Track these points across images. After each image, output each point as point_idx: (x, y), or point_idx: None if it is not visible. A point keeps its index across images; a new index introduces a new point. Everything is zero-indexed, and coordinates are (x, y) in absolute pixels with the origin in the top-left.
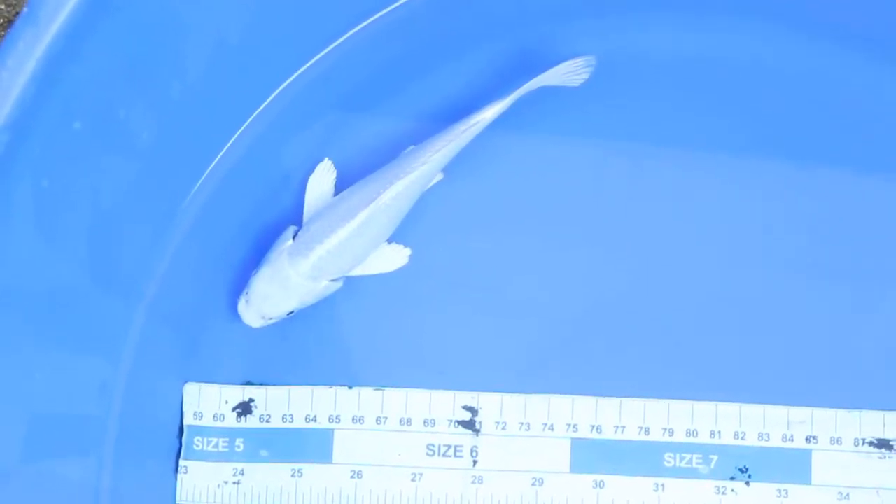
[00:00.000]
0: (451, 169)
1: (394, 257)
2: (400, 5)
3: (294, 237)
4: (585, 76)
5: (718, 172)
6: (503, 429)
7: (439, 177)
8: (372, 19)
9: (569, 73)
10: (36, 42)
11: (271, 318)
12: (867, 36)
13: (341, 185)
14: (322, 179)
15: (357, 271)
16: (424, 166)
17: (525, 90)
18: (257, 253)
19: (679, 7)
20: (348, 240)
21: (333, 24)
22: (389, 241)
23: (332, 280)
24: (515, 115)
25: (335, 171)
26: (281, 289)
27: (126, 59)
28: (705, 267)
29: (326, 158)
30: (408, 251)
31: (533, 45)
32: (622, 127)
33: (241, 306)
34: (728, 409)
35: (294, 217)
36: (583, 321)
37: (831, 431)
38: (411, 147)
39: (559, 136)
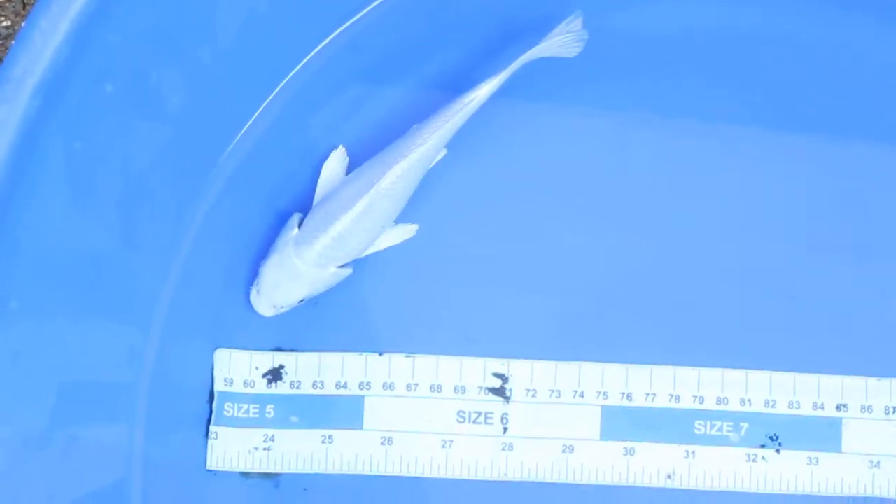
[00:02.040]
0: (473, 143)
1: (399, 232)
2: None
3: (300, 225)
4: (580, 46)
5: (741, 136)
6: (533, 396)
7: (443, 153)
8: None
9: (563, 42)
10: (69, 4)
11: (283, 307)
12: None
13: (365, 158)
14: (334, 167)
15: (365, 252)
16: (423, 147)
17: (520, 63)
18: (285, 219)
19: None
20: (352, 226)
21: None
22: (399, 220)
23: (341, 266)
24: (530, 87)
25: (348, 159)
26: (289, 278)
27: (158, 23)
28: (737, 236)
29: (340, 146)
30: (414, 226)
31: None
32: (634, 98)
33: (253, 296)
34: (758, 377)
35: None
36: (613, 289)
37: (862, 399)
38: (414, 128)
39: (576, 107)
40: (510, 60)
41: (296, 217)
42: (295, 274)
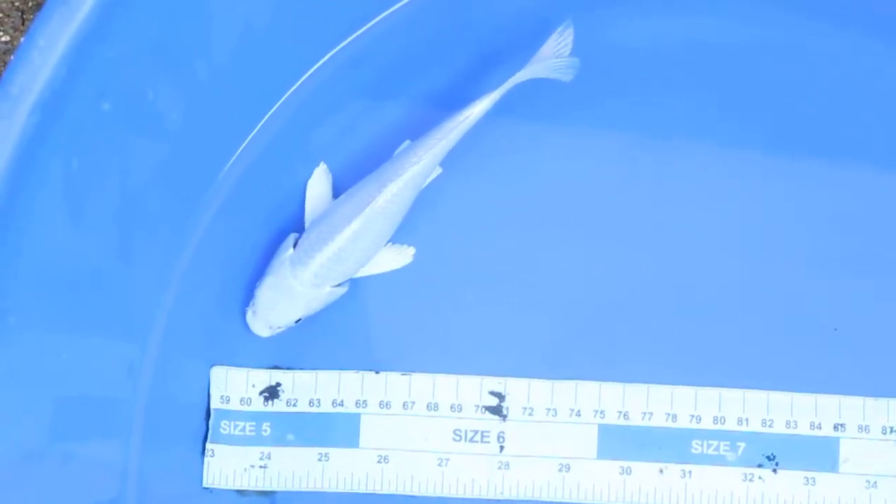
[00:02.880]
0: (469, 162)
1: (397, 257)
2: None
3: (295, 245)
4: (574, 70)
5: (739, 154)
6: (530, 414)
7: (438, 171)
8: (401, 4)
9: (556, 65)
10: (67, 22)
11: (279, 328)
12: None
13: (365, 174)
14: (319, 185)
15: (361, 272)
16: (417, 166)
17: (514, 81)
18: (283, 236)
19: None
20: (347, 246)
21: (360, 9)
22: (395, 241)
23: (336, 286)
24: (525, 105)
25: (331, 175)
26: (285, 298)
27: (155, 41)
28: (734, 254)
29: (322, 163)
30: (412, 250)
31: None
32: (632, 116)
33: (249, 317)
34: (756, 397)
35: None
36: (610, 308)
37: (859, 419)
38: (406, 142)
39: (572, 125)
40: (511, 75)
41: (291, 237)
42: (291, 294)
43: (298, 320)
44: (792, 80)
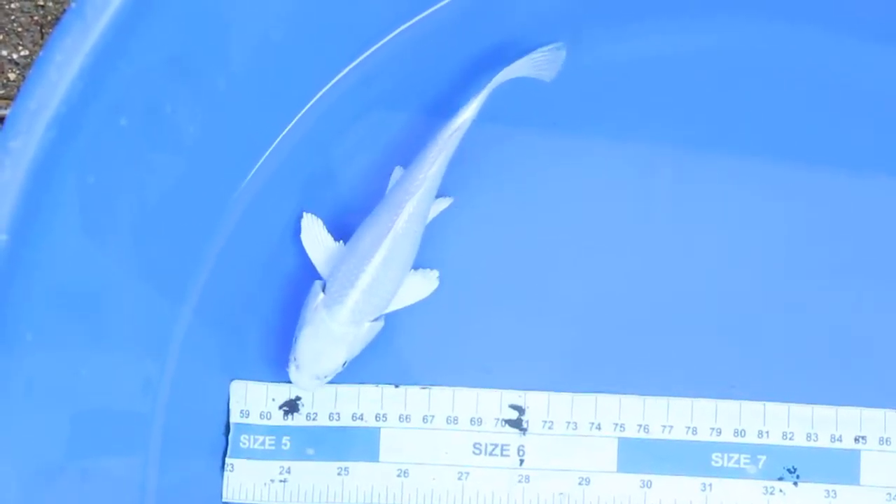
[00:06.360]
0: (483, 178)
1: (424, 284)
2: (447, 4)
3: (324, 290)
4: (556, 69)
5: (757, 170)
6: (550, 428)
7: (450, 200)
8: (419, 18)
9: (539, 63)
10: (84, 38)
11: (326, 376)
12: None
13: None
14: (314, 233)
15: (393, 306)
16: (427, 181)
17: (497, 82)
18: (303, 250)
19: (673, 10)
20: (378, 275)
21: (378, 22)
22: (414, 267)
23: (374, 321)
24: (536, 122)
25: (320, 220)
26: (327, 344)
27: (172, 55)
28: (754, 268)
29: (304, 212)
30: (435, 273)
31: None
32: (645, 128)
33: (293, 373)
34: (776, 409)
35: (339, 211)
36: (630, 321)
37: (880, 432)
38: (397, 169)
39: (588, 139)
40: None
41: (317, 284)
42: (332, 338)
43: (344, 363)
44: (799, 91)
